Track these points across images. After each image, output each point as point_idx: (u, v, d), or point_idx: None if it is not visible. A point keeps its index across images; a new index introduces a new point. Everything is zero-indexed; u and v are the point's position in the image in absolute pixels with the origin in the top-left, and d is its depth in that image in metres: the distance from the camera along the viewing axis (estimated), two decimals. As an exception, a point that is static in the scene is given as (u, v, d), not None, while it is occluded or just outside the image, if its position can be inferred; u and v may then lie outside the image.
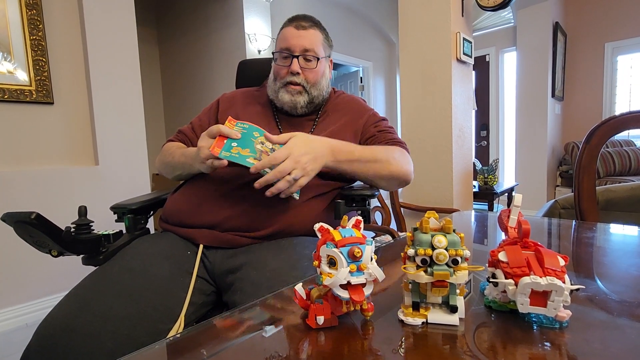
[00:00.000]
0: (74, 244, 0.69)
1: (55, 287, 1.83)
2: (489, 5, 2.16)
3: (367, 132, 0.94)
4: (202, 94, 3.61)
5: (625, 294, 0.45)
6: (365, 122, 0.95)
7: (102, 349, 0.56)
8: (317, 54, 0.90)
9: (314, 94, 0.91)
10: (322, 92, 0.94)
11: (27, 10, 1.74)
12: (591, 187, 1.03)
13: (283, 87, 0.90)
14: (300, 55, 0.88)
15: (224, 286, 0.72)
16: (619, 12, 3.86)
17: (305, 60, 0.89)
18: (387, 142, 0.91)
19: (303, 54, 0.88)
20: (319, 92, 0.92)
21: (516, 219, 0.41)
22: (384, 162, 0.83)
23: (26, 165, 1.79)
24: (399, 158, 0.86)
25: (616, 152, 3.51)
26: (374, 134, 0.93)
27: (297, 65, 0.88)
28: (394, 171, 0.84)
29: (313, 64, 0.89)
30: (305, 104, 0.91)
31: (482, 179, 2.82)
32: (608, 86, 4.01)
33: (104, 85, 1.97)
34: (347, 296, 0.35)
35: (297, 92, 0.89)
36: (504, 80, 4.62)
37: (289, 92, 0.89)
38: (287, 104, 0.90)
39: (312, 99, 0.91)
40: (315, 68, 0.90)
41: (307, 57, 0.89)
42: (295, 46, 0.88)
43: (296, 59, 0.88)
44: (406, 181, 0.89)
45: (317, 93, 0.92)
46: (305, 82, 0.89)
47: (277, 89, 0.91)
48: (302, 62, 0.89)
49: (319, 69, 0.91)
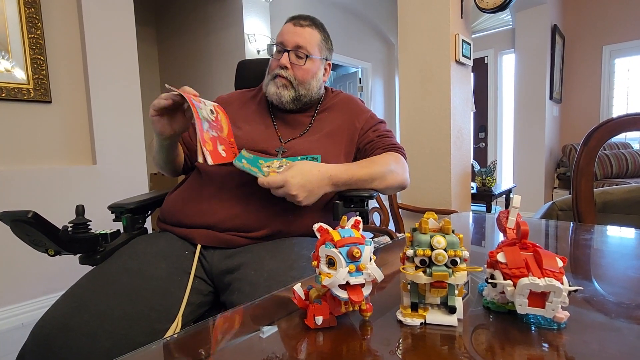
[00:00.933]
0: (71, 243, 0.68)
1: (52, 286, 1.82)
2: (487, 7, 2.17)
3: (366, 137, 0.94)
4: (201, 94, 3.57)
5: (622, 295, 0.45)
6: (363, 126, 0.95)
7: (99, 349, 0.55)
8: (309, 52, 0.90)
9: (302, 92, 0.91)
10: (311, 92, 0.93)
11: (26, 9, 1.73)
12: (589, 189, 1.03)
13: (272, 80, 0.91)
14: (291, 51, 0.89)
15: (221, 286, 0.72)
16: (617, 15, 3.89)
17: (296, 57, 0.90)
18: (385, 147, 0.92)
19: (295, 49, 0.89)
20: (307, 91, 0.92)
21: (515, 220, 0.41)
22: (380, 178, 0.85)
23: (23, 164, 1.78)
24: (395, 169, 0.88)
25: (613, 155, 3.53)
26: (372, 139, 0.93)
27: (287, 59, 0.89)
28: (390, 184, 0.87)
29: (302, 61, 0.90)
30: (291, 99, 0.91)
31: (480, 180, 2.83)
32: (605, 89, 4.03)
33: (102, 84, 1.96)
34: (346, 296, 0.35)
35: (282, 85, 0.90)
36: (503, 82, 4.63)
37: (275, 84, 0.90)
38: (272, 96, 0.91)
39: (300, 96, 0.91)
40: (303, 65, 0.90)
41: (298, 54, 0.89)
42: (289, 41, 0.89)
43: (287, 54, 0.89)
44: (402, 188, 0.93)
45: (304, 92, 0.92)
46: (293, 77, 0.90)
47: (268, 81, 0.93)
48: (292, 58, 0.89)
49: (309, 67, 0.91)
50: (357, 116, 0.96)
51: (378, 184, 0.84)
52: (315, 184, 0.73)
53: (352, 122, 0.94)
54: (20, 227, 0.62)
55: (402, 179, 0.90)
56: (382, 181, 0.85)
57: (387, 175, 0.85)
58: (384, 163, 0.87)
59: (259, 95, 0.99)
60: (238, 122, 0.92)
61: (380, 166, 0.85)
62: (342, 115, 0.95)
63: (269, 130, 0.91)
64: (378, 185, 0.85)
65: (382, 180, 0.85)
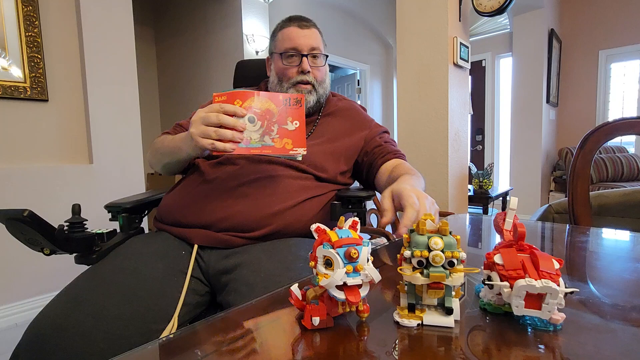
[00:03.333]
0: (67, 242, 0.68)
1: (47, 286, 1.80)
2: (486, 10, 2.18)
3: (374, 141, 0.94)
4: (199, 94, 3.60)
5: (618, 297, 0.45)
6: (369, 133, 0.95)
7: (94, 349, 0.55)
8: (322, 51, 0.91)
9: (320, 93, 0.92)
10: (326, 90, 0.95)
11: (23, 7, 1.72)
12: (585, 192, 1.04)
13: (292, 87, 0.89)
14: (308, 54, 0.88)
15: (218, 287, 0.72)
16: (613, 20, 3.92)
17: (314, 58, 0.89)
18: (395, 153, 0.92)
19: (311, 52, 0.88)
20: (324, 90, 0.93)
21: (512, 222, 0.41)
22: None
23: (20, 163, 1.77)
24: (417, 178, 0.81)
25: (609, 159, 3.55)
26: (380, 143, 0.94)
27: (307, 64, 0.88)
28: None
29: (321, 61, 0.90)
30: (313, 103, 0.91)
31: (477, 183, 2.84)
32: (602, 93, 4.06)
33: (99, 83, 1.95)
34: (343, 297, 0.35)
35: (308, 92, 0.89)
36: (500, 85, 4.66)
37: (300, 91, 0.89)
38: None
39: (319, 97, 0.92)
40: (323, 66, 0.91)
41: (315, 55, 0.89)
42: (303, 45, 0.88)
43: (305, 58, 0.88)
44: None
45: (322, 92, 0.93)
46: (315, 80, 0.90)
47: (286, 90, 0.90)
48: (310, 61, 0.89)
49: (325, 67, 0.92)
50: (361, 126, 0.96)
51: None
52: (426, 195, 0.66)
53: (355, 132, 0.94)
54: (15, 226, 0.62)
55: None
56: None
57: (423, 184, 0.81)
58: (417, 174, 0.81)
59: None
60: None
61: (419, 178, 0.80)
62: (344, 122, 0.95)
63: None
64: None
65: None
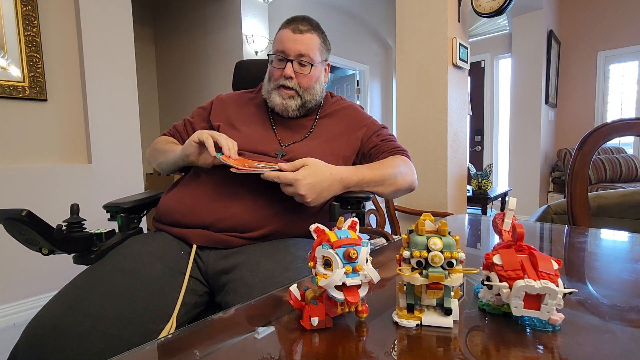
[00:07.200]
0: (66, 242, 0.68)
1: (45, 286, 1.80)
2: (485, 11, 2.19)
3: (370, 142, 0.94)
4: (198, 95, 3.60)
5: (616, 298, 0.45)
6: (365, 132, 0.95)
7: (93, 349, 0.55)
8: (312, 59, 0.89)
9: (307, 99, 0.91)
10: (316, 96, 0.93)
11: (22, 6, 1.72)
12: (583, 192, 1.04)
13: (276, 89, 0.90)
14: (294, 60, 0.88)
15: (217, 287, 0.72)
16: (612, 21, 3.93)
17: (300, 65, 0.88)
18: (391, 151, 0.91)
19: (298, 58, 0.88)
20: (312, 96, 0.92)
21: (510, 223, 0.41)
22: (391, 181, 0.84)
23: (18, 162, 1.76)
24: (404, 171, 0.87)
25: (607, 159, 3.56)
26: (376, 143, 0.93)
27: (291, 70, 0.88)
28: (400, 187, 0.86)
29: (307, 69, 0.89)
30: (297, 107, 0.90)
31: (476, 183, 2.84)
32: (600, 94, 4.07)
33: (98, 83, 1.95)
34: (342, 297, 0.35)
35: (289, 97, 0.89)
36: (499, 86, 4.67)
37: (281, 95, 0.89)
38: (278, 106, 0.90)
39: (305, 103, 0.91)
40: (308, 74, 0.89)
41: (302, 62, 0.88)
42: (291, 50, 0.87)
43: (290, 63, 0.88)
44: (411, 190, 0.92)
45: (309, 98, 0.92)
46: (298, 86, 0.89)
47: (270, 90, 0.91)
48: (296, 67, 0.88)
49: (313, 74, 0.90)
50: (358, 124, 0.96)
51: (388, 185, 0.84)
52: (325, 185, 0.73)
53: (353, 131, 0.94)
54: (13, 226, 0.62)
55: (411, 180, 0.89)
56: (393, 183, 0.84)
57: (397, 177, 0.85)
58: (394, 165, 0.86)
59: (258, 97, 0.99)
60: (236, 123, 0.91)
61: (390, 168, 0.85)
62: (342, 122, 0.95)
63: (268, 133, 0.91)
64: (388, 187, 0.84)
65: (393, 182, 0.84)
